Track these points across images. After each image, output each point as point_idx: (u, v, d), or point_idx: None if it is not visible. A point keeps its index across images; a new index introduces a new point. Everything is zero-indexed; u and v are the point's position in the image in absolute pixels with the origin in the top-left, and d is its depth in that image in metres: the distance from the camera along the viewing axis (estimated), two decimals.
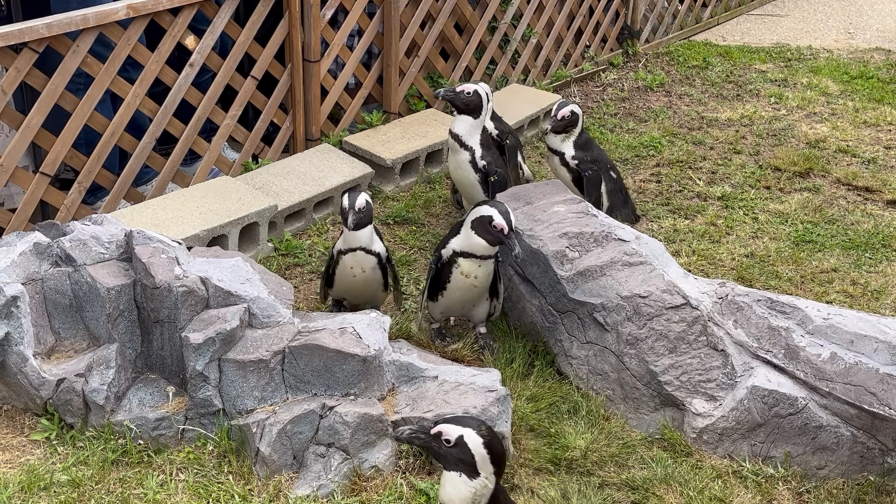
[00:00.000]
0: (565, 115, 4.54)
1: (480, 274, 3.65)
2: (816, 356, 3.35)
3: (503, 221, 3.48)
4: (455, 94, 4.34)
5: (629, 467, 3.31)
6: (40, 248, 3.47)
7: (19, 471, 3.15)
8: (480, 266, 3.63)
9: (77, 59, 4.08)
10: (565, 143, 4.60)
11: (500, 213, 3.49)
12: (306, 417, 3.18)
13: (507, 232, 3.49)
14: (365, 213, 3.64)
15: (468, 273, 3.63)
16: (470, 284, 3.67)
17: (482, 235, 3.55)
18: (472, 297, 3.74)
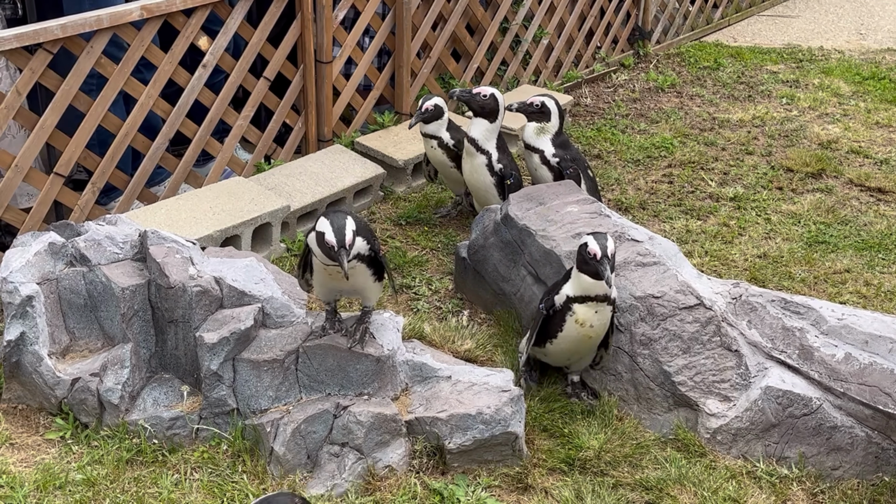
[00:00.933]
0: (535, 102, 4.39)
1: (597, 322, 3.36)
2: (831, 357, 3.34)
3: (596, 247, 3.22)
4: (471, 96, 4.33)
5: (643, 467, 3.31)
6: (55, 248, 3.49)
7: (34, 470, 3.16)
8: (597, 312, 3.34)
9: (91, 60, 4.10)
10: (542, 139, 4.42)
11: (594, 240, 3.26)
12: (320, 417, 3.19)
13: (600, 257, 3.23)
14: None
15: (584, 321, 3.36)
16: (584, 335, 3.40)
17: (585, 270, 3.30)
18: (582, 350, 3.48)
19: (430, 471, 3.24)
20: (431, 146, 4.66)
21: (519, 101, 4.46)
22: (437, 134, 4.61)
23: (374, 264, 3.21)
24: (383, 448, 3.20)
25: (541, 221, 3.90)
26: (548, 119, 4.40)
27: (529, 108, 4.40)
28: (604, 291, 3.34)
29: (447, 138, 4.60)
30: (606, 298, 3.34)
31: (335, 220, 3.00)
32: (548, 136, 4.42)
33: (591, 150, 5.68)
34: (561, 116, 4.41)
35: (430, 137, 4.64)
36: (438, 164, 4.72)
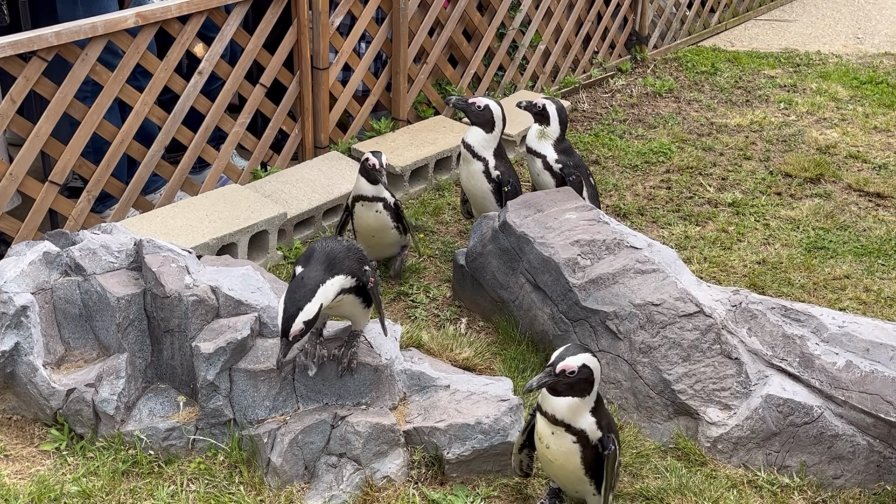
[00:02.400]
0: (537, 103, 4.38)
1: (553, 445, 2.91)
2: (832, 364, 3.32)
3: None
4: (467, 105, 4.31)
5: (643, 477, 3.28)
6: (50, 257, 3.46)
7: (29, 482, 3.13)
8: (554, 434, 2.90)
9: (86, 68, 4.07)
10: (544, 144, 4.39)
11: None
12: (318, 427, 3.16)
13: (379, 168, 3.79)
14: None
15: (541, 435, 2.95)
16: (544, 455, 2.98)
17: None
18: (555, 472, 3.02)
19: (429, 481, 3.22)
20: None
21: (527, 100, 4.46)
22: (542, 151, 4.46)
23: (362, 293, 3.14)
24: (381, 458, 3.18)
25: (539, 229, 3.88)
26: (546, 122, 4.38)
27: (532, 109, 4.42)
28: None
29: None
30: (554, 420, 2.88)
31: (295, 289, 2.88)
32: (549, 141, 4.39)
33: (589, 155, 5.66)
34: (562, 122, 4.39)
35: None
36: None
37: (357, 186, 4.08)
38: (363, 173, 4.01)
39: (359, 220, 4.13)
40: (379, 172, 3.96)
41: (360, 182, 4.04)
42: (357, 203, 4.09)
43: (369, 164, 3.97)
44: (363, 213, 4.09)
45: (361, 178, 4.03)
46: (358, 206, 4.09)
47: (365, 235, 4.16)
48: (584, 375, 2.82)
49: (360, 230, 4.17)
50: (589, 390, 2.84)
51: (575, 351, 2.86)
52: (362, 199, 4.06)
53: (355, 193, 4.09)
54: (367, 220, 4.10)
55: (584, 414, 2.86)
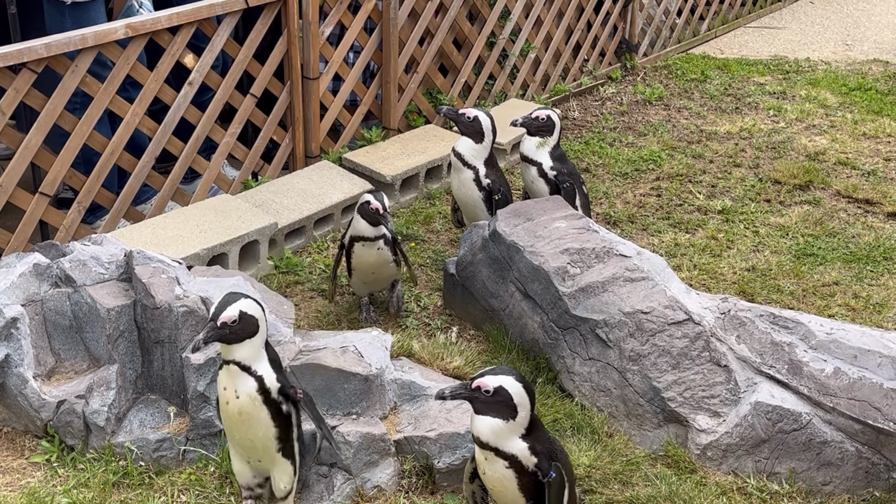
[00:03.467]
0: (541, 115, 4.37)
1: (489, 471, 2.82)
2: (820, 371, 3.34)
3: None
4: (457, 115, 4.30)
5: (633, 485, 3.29)
6: (40, 268, 3.46)
7: (20, 493, 3.13)
8: (487, 459, 2.81)
9: (76, 79, 4.08)
10: (541, 152, 4.39)
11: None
12: (308, 437, 3.16)
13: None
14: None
15: (479, 463, 2.87)
16: (488, 485, 2.89)
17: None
18: (500, 503, 2.93)
19: (420, 490, 3.22)
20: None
21: (523, 115, 4.43)
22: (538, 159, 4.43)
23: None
24: (372, 468, 3.18)
25: (529, 237, 3.89)
26: (550, 133, 4.39)
27: (534, 123, 4.37)
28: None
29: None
30: (479, 442, 2.80)
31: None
32: (546, 148, 4.40)
33: (580, 163, 5.68)
34: (560, 129, 4.42)
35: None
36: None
37: (356, 227, 3.90)
38: (363, 215, 3.84)
39: (359, 259, 3.97)
40: (384, 218, 3.80)
41: (360, 223, 3.87)
42: (357, 244, 3.93)
43: (371, 209, 3.80)
44: (364, 253, 3.94)
45: (361, 219, 3.86)
46: (358, 247, 3.93)
47: (364, 273, 4.02)
48: (502, 398, 2.71)
49: (359, 268, 4.00)
50: (512, 414, 2.72)
51: (498, 372, 2.77)
52: (363, 240, 3.91)
53: (354, 234, 3.91)
54: (369, 259, 3.95)
55: (511, 438, 2.75)
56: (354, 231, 3.91)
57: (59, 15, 4.28)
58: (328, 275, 4.47)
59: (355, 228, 3.90)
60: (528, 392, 2.75)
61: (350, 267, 4.01)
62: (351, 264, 4.00)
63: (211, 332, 2.76)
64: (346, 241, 3.97)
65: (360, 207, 3.85)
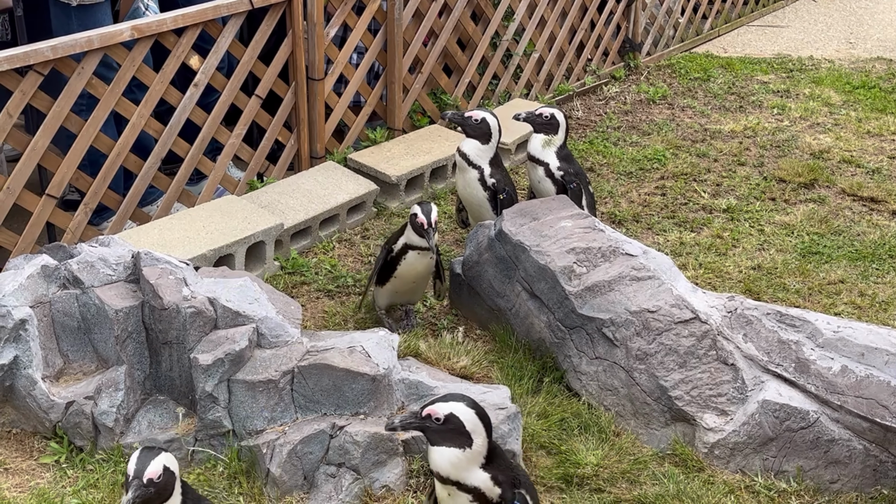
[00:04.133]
0: (544, 113, 4.36)
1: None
2: (827, 369, 3.34)
3: None
4: (463, 119, 4.30)
5: (641, 483, 3.30)
6: (48, 270, 3.47)
7: (29, 495, 3.14)
8: (450, 496, 2.73)
9: (82, 81, 4.09)
10: (547, 152, 4.39)
11: None
12: (316, 437, 3.17)
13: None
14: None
15: (440, 500, 2.78)
16: None
17: None
18: None
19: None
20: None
21: (528, 111, 4.42)
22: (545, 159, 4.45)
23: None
24: (380, 468, 3.19)
25: (535, 237, 3.90)
26: (555, 132, 4.38)
27: (538, 119, 4.36)
28: None
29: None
30: (440, 477, 2.71)
31: None
32: (553, 148, 4.39)
33: (584, 163, 5.68)
34: (566, 129, 4.41)
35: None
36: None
37: (409, 237, 3.84)
38: (412, 227, 3.81)
39: (408, 267, 3.90)
40: (427, 233, 3.76)
41: (412, 233, 3.83)
42: (411, 252, 3.86)
43: (417, 222, 3.76)
44: (416, 262, 3.88)
45: (411, 228, 3.82)
46: (412, 255, 3.87)
47: (405, 282, 3.95)
48: (454, 425, 2.60)
49: (402, 276, 3.93)
50: (468, 442, 2.61)
51: (449, 399, 2.66)
52: (419, 249, 3.86)
53: (409, 243, 3.85)
54: (418, 268, 3.91)
55: (472, 469, 2.63)
56: (409, 240, 3.84)
57: (66, 17, 4.29)
58: (335, 274, 4.48)
59: (409, 238, 3.84)
60: (481, 418, 2.64)
61: (392, 273, 3.93)
62: (395, 271, 3.91)
63: (138, 490, 2.54)
64: (398, 248, 3.89)
65: (411, 220, 3.79)
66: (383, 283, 3.98)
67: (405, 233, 3.87)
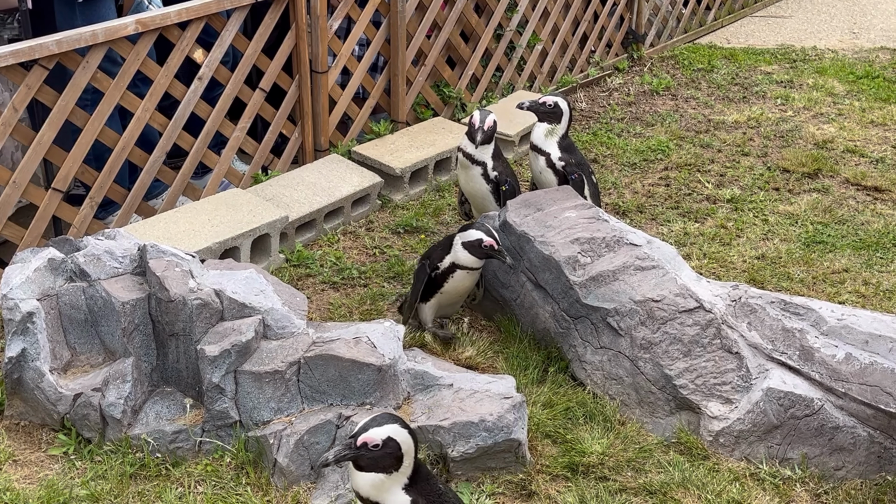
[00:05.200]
0: (548, 101, 4.35)
1: None
2: (831, 357, 3.35)
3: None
4: (537, 105, 4.31)
5: (646, 472, 3.31)
6: (55, 263, 3.49)
7: (38, 486, 3.16)
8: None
9: (87, 75, 4.10)
10: (549, 142, 4.37)
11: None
12: (323, 428, 3.19)
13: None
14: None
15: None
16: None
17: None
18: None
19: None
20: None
21: (531, 100, 4.42)
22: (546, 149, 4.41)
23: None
24: None
25: (539, 227, 3.91)
26: (558, 121, 4.36)
27: (542, 108, 4.34)
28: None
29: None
30: (360, 497, 2.72)
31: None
32: (555, 138, 4.37)
33: (588, 154, 5.69)
34: (570, 119, 4.40)
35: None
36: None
37: (459, 257, 3.73)
38: (472, 251, 3.69)
39: (455, 285, 3.80)
40: (500, 254, 3.66)
41: (464, 254, 3.72)
42: (459, 271, 3.77)
43: (485, 246, 3.64)
44: (465, 280, 3.80)
45: (466, 251, 3.72)
46: (460, 274, 3.77)
47: (450, 296, 3.86)
48: (391, 450, 2.55)
49: (448, 293, 3.83)
50: (396, 466, 2.58)
51: (381, 421, 2.58)
52: (468, 269, 3.78)
53: (458, 263, 3.74)
54: (465, 285, 3.83)
55: (393, 491, 2.60)
56: (457, 260, 3.74)
57: (70, 12, 4.30)
58: (340, 266, 4.48)
59: (458, 258, 3.73)
60: (413, 437, 2.61)
61: (437, 290, 3.83)
62: (441, 288, 3.81)
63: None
64: (444, 267, 3.77)
65: (470, 244, 3.67)
66: (427, 299, 3.87)
67: (452, 251, 3.76)
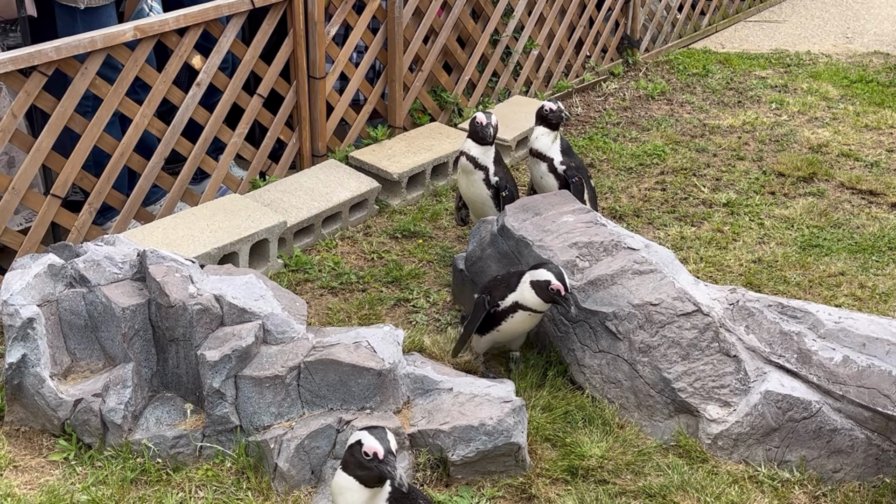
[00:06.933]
0: (552, 107, 4.38)
1: None
2: (829, 360, 3.37)
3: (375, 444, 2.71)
4: (482, 127, 4.29)
5: (645, 475, 3.32)
6: (54, 269, 3.50)
7: (39, 492, 3.17)
8: None
9: (86, 82, 4.11)
10: (553, 148, 4.41)
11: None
12: (323, 432, 3.20)
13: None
14: None
15: None
16: None
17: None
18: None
19: (434, 483, 3.25)
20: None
21: (548, 106, 4.42)
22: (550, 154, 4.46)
23: None
24: None
25: (537, 232, 3.92)
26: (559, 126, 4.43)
27: (557, 116, 4.39)
28: None
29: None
30: None
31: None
32: (557, 143, 4.42)
33: (584, 158, 5.70)
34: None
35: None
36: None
37: (525, 297, 3.57)
38: (540, 293, 3.53)
39: (515, 324, 3.65)
40: (566, 300, 3.51)
41: (531, 295, 3.55)
42: (521, 311, 3.59)
43: (553, 289, 3.50)
44: (526, 321, 3.65)
45: (533, 292, 3.54)
46: (521, 314, 3.60)
47: (507, 334, 3.71)
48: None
49: (506, 331, 3.69)
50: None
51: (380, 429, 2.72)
52: (530, 311, 3.60)
53: (522, 302, 3.58)
54: (525, 326, 3.69)
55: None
56: (522, 300, 3.57)
57: (71, 20, 4.31)
58: (338, 271, 4.50)
59: (524, 297, 3.56)
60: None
61: (494, 327, 3.68)
62: (498, 325, 3.66)
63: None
64: (506, 305, 3.61)
65: (537, 284, 3.50)
66: (483, 333, 3.73)
67: (518, 289, 3.58)
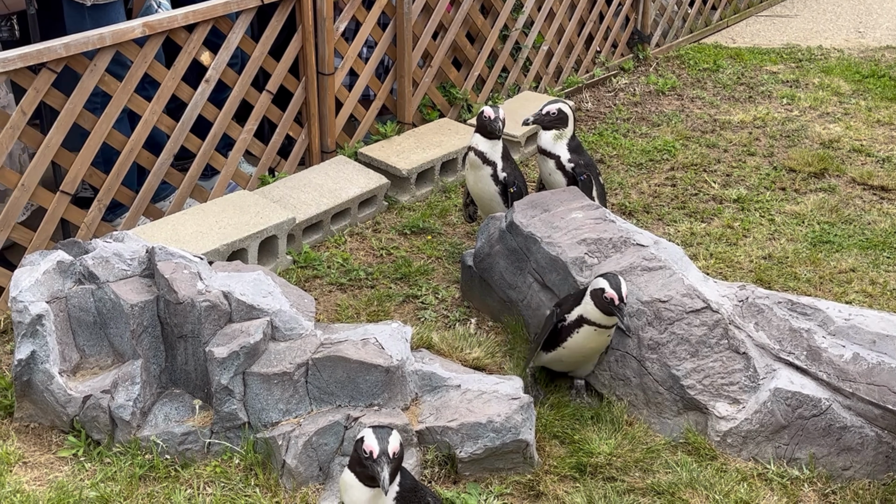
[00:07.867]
0: (551, 111, 4.37)
1: None
2: (839, 357, 3.35)
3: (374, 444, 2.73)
4: (486, 121, 4.27)
5: (654, 472, 3.31)
6: (63, 266, 3.50)
7: (48, 488, 3.18)
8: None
9: (95, 78, 4.12)
10: (559, 145, 4.39)
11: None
12: (331, 429, 3.20)
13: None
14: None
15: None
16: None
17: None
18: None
19: (442, 480, 3.25)
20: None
21: (534, 113, 4.42)
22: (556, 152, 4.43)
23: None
24: None
25: (546, 228, 3.91)
26: (564, 125, 4.39)
27: (546, 119, 4.37)
28: None
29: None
30: None
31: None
32: (564, 140, 4.40)
33: (594, 154, 5.69)
34: (574, 120, 4.43)
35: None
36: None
37: (587, 309, 3.46)
38: (597, 303, 3.40)
39: (581, 341, 3.50)
40: (619, 310, 3.38)
41: (590, 305, 3.44)
42: (586, 325, 3.47)
43: (606, 298, 3.38)
44: (593, 338, 3.51)
45: (593, 303, 3.43)
46: (587, 329, 3.48)
47: (573, 353, 3.59)
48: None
49: (572, 348, 3.54)
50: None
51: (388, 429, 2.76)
52: (595, 325, 3.48)
53: (587, 317, 3.46)
54: (592, 345, 3.54)
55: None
56: (586, 312, 3.45)
57: (79, 17, 4.32)
58: (347, 268, 4.50)
59: (587, 310, 3.44)
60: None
61: (559, 343, 3.55)
62: (564, 342, 3.53)
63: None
64: (572, 319, 3.49)
65: (595, 294, 3.40)
66: (548, 349, 3.61)
67: (582, 302, 3.47)
